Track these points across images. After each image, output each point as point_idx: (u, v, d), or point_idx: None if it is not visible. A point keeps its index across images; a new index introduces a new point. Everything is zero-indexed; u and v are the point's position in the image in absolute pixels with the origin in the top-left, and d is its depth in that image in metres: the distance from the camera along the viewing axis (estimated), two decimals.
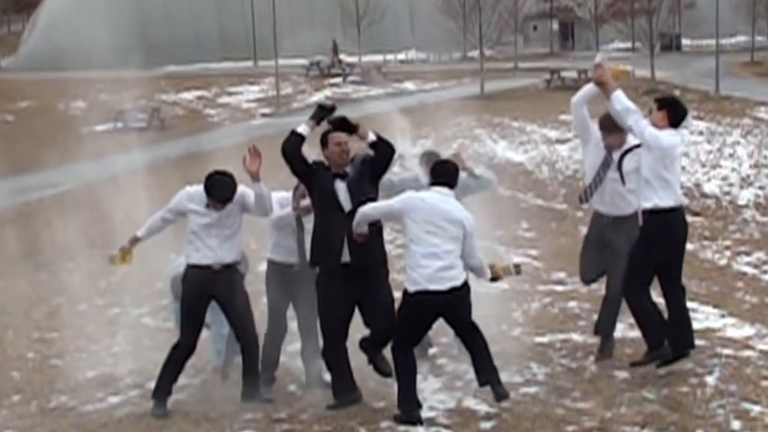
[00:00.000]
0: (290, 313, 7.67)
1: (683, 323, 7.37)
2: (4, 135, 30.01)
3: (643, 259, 7.23)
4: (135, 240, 7.26)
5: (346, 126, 6.81)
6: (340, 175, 6.82)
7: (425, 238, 6.53)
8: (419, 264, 6.54)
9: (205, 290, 7.08)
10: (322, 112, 6.85)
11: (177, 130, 30.65)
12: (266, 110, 36.21)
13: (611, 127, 7.58)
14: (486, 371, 6.75)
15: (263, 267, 7.65)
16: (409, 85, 41.10)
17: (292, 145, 6.79)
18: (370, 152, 6.88)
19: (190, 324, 7.12)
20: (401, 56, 56.05)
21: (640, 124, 7.07)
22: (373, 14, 52.59)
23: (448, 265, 6.52)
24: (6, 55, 56.60)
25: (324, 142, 6.91)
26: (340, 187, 6.78)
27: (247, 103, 38.48)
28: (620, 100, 7.11)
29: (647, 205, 7.14)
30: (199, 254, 7.07)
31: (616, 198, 7.73)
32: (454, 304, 6.61)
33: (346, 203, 6.76)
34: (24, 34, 59.66)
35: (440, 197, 6.64)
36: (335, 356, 6.94)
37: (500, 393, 6.73)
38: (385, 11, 54.24)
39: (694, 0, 52.08)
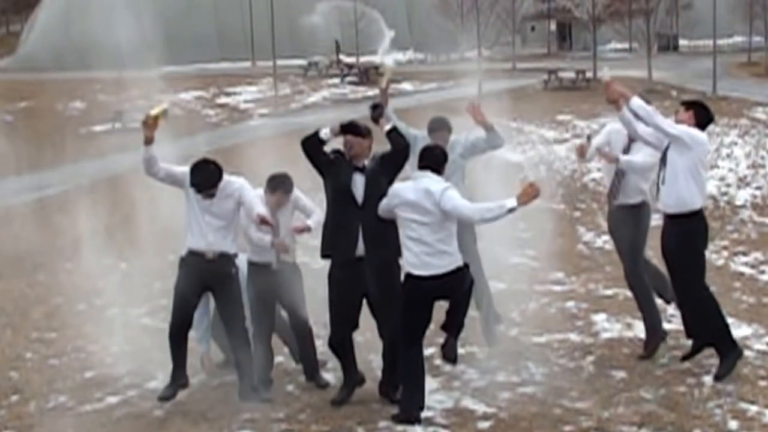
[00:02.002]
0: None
1: None
2: (3, 135, 29.97)
3: (696, 259, 7.36)
4: (150, 146, 6.98)
5: (356, 130, 6.89)
6: (359, 168, 6.89)
7: (407, 225, 6.66)
8: (406, 247, 6.67)
9: (199, 278, 7.06)
10: (345, 127, 6.92)
11: (175, 131, 30.61)
12: (264, 110, 36.17)
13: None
14: (453, 326, 6.84)
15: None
16: (406, 86, 41.06)
17: (312, 145, 6.89)
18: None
19: (182, 307, 7.09)
20: (399, 57, 56.01)
21: (669, 122, 7.13)
22: (371, 15, 52.56)
23: (432, 251, 6.55)
24: (4, 56, 56.55)
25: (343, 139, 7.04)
26: (359, 180, 6.86)
27: (246, 103, 38.43)
28: (641, 105, 7.11)
29: (691, 207, 7.24)
30: (193, 238, 7.07)
31: (625, 185, 7.80)
32: (443, 289, 6.64)
33: (360, 196, 6.84)
34: (22, 35, 59.59)
35: (414, 184, 6.69)
36: (341, 346, 7.04)
37: (448, 351, 6.96)
38: (383, 12, 54.21)
39: (692, 1, 52.08)
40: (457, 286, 6.66)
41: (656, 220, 7.91)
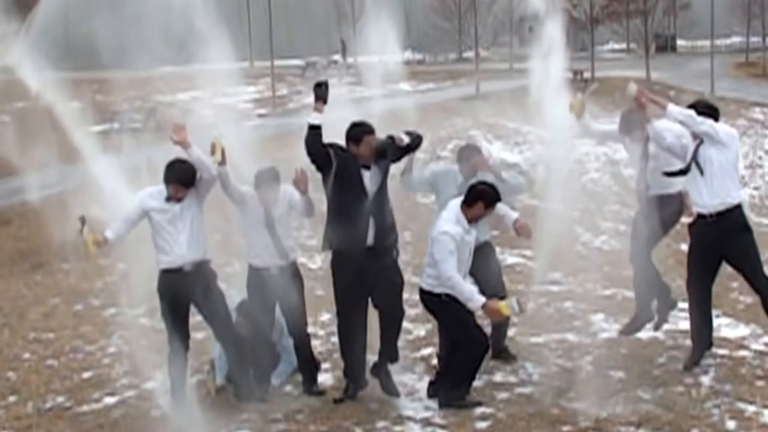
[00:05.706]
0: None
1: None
2: (0, 135, 29.99)
3: (755, 245, 7.38)
4: (105, 241, 7.06)
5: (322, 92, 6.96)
6: (367, 165, 6.95)
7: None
8: None
9: (181, 295, 6.98)
10: (318, 89, 6.93)
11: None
12: (262, 111, 36.16)
13: (628, 128, 7.83)
14: (444, 391, 7.02)
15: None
16: (404, 86, 41.03)
17: (314, 139, 6.87)
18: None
19: (177, 330, 7.05)
20: (397, 57, 56.00)
21: (708, 123, 7.10)
22: (369, 15, 52.62)
23: (428, 263, 6.93)
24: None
25: (356, 140, 6.96)
26: (367, 175, 6.93)
27: (243, 103, 38.39)
28: (680, 111, 7.12)
29: (738, 199, 7.31)
30: (168, 257, 6.97)
31: (657, 174, 7.68)
32: (423, 302, 7.06)
33: (369, 188, 6.92)
34: (20, 35, 59.57)
35: (450, 207, 6.99)
36: (348, 335, 7.09)
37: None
38: (382, 12, 54.21)
39: (689, 1, 52.15)
40: (429, 305, 7.03)
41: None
